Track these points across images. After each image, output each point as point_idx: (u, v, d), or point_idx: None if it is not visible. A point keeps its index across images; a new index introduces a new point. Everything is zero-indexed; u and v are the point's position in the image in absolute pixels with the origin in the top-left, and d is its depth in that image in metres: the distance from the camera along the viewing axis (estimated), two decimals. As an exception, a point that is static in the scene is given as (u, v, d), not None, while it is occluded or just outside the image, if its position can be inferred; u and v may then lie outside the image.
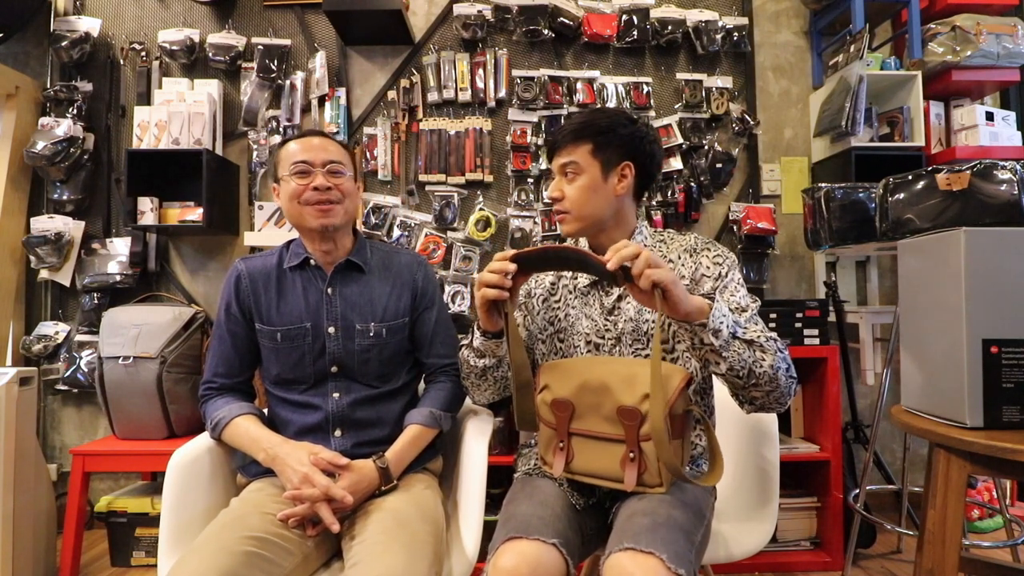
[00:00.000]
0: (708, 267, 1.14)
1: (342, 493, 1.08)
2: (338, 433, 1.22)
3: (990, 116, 2.38)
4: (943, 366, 1.16)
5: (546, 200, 2.43)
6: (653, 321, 1.13)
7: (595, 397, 1.02)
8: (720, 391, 1.52)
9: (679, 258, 1.17)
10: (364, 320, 1.25)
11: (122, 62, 2.47)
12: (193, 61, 2.46)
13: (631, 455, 0.99)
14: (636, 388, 0.98)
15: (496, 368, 1.19)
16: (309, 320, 1.24)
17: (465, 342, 1.21)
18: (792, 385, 1.04)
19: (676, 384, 0.98)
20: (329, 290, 1.26)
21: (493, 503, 1.33)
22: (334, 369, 1.24)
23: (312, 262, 1.27)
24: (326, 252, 1.27)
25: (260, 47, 2.42)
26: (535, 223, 2.44)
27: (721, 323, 0.97)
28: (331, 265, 1.27)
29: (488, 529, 1.04)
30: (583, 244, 1.25)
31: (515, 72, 2.46)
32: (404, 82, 2.47)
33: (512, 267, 1.02)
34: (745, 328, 1.01)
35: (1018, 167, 1.36)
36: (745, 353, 0.99)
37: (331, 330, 1.24)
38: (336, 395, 1.24)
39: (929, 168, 1.47)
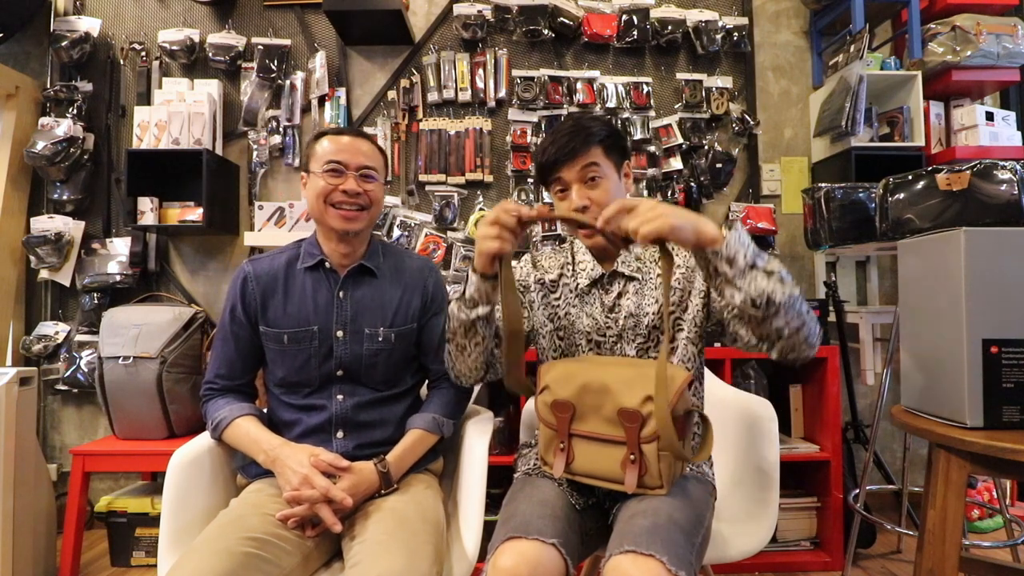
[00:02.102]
0: None
1: (342, 495, 1.08)
2: (340, 435, 1.22)
3: (990, 116, 2.38)
4: (943, 366, 1.16)
5: (546, 200, 2.43)
6: (653, 314, 1.15)
7: (596, 398, 1.02)
8: (714, 391, 1.52)
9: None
10: (373, 324, 1.25)
11: (122, 62, 2.47)
12: (193, 61, 2.46)
13: (632, 457, 0.99)
14: (637, 390, 0.98)
15: (487, 323, 1.12)
16: (317, 323, 1.23)
17: (455, 296, 1.15)
18: (817, 327, 0.98)
19: (678, 386, 0.98)
20: (340, 293, 1.25)
21: (493, 503, 1.33)
22: (340, 372, 1.23)
23: (327, 264, 1.26)
24: (344, 255, 1.26)
25: (260, 47, 2.42)
26: (535, 223, 2.44)
27: (736, 252, 0.93)
28: (345, 268, 1.26)
29: (488, 529, 1.04)
30: (579, 247, 1.25)
31: (515, 72, 2.46)
32: (404, 82, 2.47)
33: (519, 230, 1.04)
34: (767, 260, 0.96)
35: (1018, 167, 1.36)
36: (764, 282, 0.93)
37: (339, 334, 1.23)
38: (340, 397, 1.23)
39: (929, 168, 1.46)
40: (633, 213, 0.94)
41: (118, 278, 2.36)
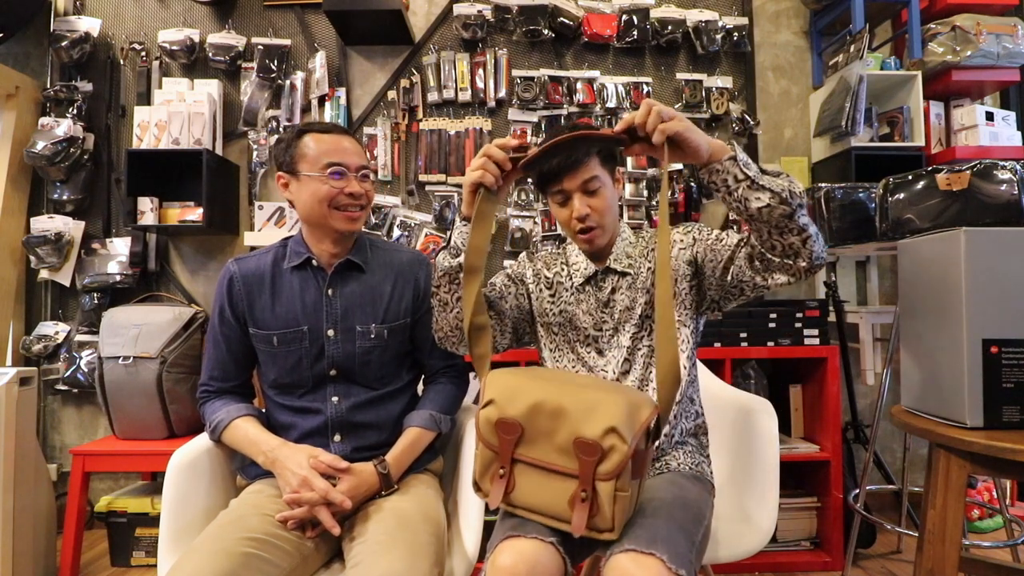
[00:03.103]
0: (680, 239, 1.19)
1: (341, 497, 1.08)
2: (337, 438, 1.21)
3: (990, 116, 2.38)
4: (943, 366, 1.16)
5: (544, 201, 2.43)
6: (645, 303, 1.17)
7: (549, 422, 0.92)
8: (714, 391, 1.52)
9: (655, 242, 1.22)
10: (365, 321, 1.24)
11: (122, 62, 2.47)
12: (193, 61, 2.46)
13: (583, 494, 0.89)
14: (599, 419, 0.88)
15: None
16: (306, 323, 1.22)
17: (440, 248, 1.16)
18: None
19: (645, 417, 0.91)
20: (330, 291, 1.24)
21: (493, 503, 1.33)
22: (333, 372, 1.23)
23: (313, 262, 1.25)
24: (333, 254, 1.25)
25: (260, 47, 2.42)
26: (535, 223, 2.44)
27: (746, 160, 0.96)
28: (332, 265, 1.25)
29: (488, 529, 1.04)
30: (572, 250, 1.27)
31: (515, 72, 2.46)
32: (404, 82, 2.47)
33: (508, 166, 1.03)
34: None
35: (1018, 167, 1.36)
36: (781, 180, 0.96)
37: (330, 332, 1.22)
38: (335, 399, 1.22)
39: (929, 168, 1.47)
40: (650, 115, 0.93)
41: (118, 278, 2.36)
